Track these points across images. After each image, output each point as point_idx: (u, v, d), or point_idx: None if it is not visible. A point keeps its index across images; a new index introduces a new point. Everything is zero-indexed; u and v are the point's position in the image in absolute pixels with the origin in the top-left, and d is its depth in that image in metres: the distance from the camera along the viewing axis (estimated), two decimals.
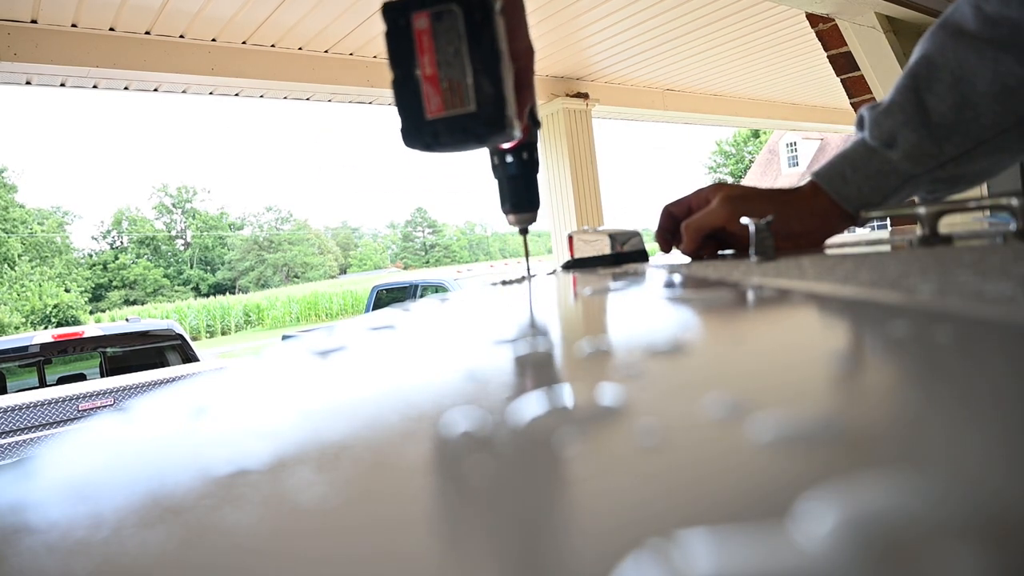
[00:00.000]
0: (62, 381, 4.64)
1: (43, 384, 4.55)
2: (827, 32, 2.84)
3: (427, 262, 56.48)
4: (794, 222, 0.71)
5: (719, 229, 0.72)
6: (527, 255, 0.71)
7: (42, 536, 0.12)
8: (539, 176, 0.67)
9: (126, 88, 3.58)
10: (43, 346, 4.58)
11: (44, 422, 3.42)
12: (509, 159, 0.63)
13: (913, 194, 0.72)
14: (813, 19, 2.86)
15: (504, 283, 0.68)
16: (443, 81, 0.50)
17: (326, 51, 3.79)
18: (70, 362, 5.25)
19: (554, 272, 0.76)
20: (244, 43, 3.53)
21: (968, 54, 0.65)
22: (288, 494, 0.12)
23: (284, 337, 6.66)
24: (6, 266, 35.76)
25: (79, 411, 3.52)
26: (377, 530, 0.11)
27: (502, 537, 0.10)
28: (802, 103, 6.24)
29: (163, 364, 4.94)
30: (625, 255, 0.77)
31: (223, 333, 27.52)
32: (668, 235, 0.78)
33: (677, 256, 0.77)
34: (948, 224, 0.71)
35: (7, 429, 3.33)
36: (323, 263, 53.11)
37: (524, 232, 0.68)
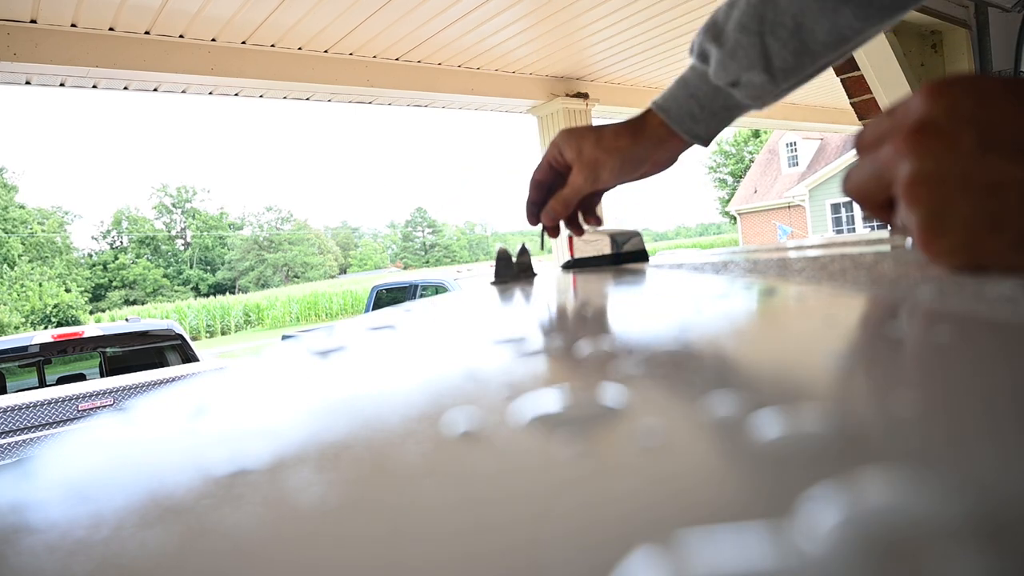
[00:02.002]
0: (62, 381, 4.63)
1: (43, 384, 4.55)
2: None
3: (427, 262, 56.47)
4: (646, 163, 0.75)
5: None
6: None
7: (42, 536, 0.12)
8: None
9: (126, 88, 3.58)
10: (43, 346, 4.57)
11: (44, 422, 3.42)
12: None
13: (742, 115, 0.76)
14: None
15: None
16: None
17: (326, 51, 3.79)
18: (70, 362, 5.25)
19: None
20: (244, 43, 3.53)
21: (810, 2, 0.66)
22: (288, 494, 0.12)
23: (284, 337, 6.66)
24: (6, 266, 35.76)
25: (79, 411, 3.52)
26: (377, 530, 0.11)
27: (503, 537, 0.10)
28: (802, 103, 6.24)
29: (163, 364, 4.94)
30: (625, 255, 0.77)
31: (223, 333, 27.52)
32: (536, 207, 0.78)
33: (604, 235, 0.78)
34: None
35: (7, 429, 3.33)
36: (323, 263, 53.11)
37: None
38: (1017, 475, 0.09)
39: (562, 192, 0.75)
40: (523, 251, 0.74)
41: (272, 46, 3.61)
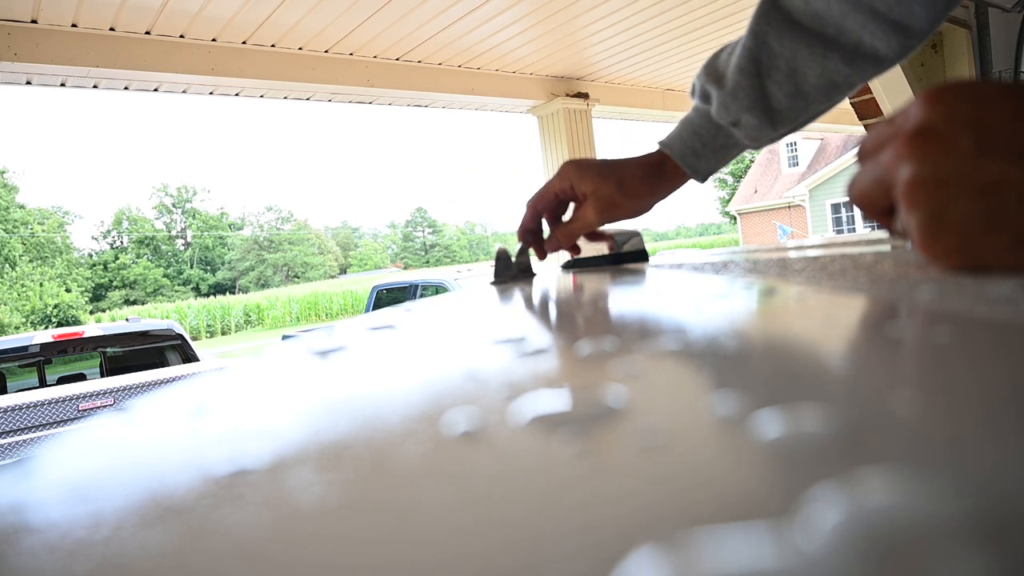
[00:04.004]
0: (62, 381, 4.63)
1: (43, 384, 4.55)
2: None
3: (427, 262, 56.48)
4: (651, 195, 0.77)
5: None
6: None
7: (42, 536, 0.12)
8: (539, 176, 0.68)
9: (126, 88, 3.58)
10: (43, 346, 4.57)
11: (44, 422, 3.42)
12: None
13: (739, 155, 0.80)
14: None
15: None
16: None
17: (326, 51, 3.79)
18: (70, 362, 5.25)
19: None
20: (244, 43, 3.53)
21: (800, 47, 0.70)
22: (288, 494, 0.12)
23: (284, 337, 6.66)
24: (7, 266, 35.76)
25: (79, 411, 3.52)
26: (377, 530, 0.11)
27: (503, 537, 0.10)
28: None
29: (163, 364, 4.94)
30: (625, 255, 0.77)
31: (223, 333, 27.52)
32: (530, 235, 0.79)
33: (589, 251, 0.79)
34: None
35: (7, 429, 3.33)
36: (323, 263, 53.12)
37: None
38: (1017, 475, 0.09)
39: (572, 225, 0.77)
40: (522, 251, 0.74)
41: (272, 46, 3.62)
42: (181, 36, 3.35)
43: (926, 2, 0.65)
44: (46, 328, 18.82)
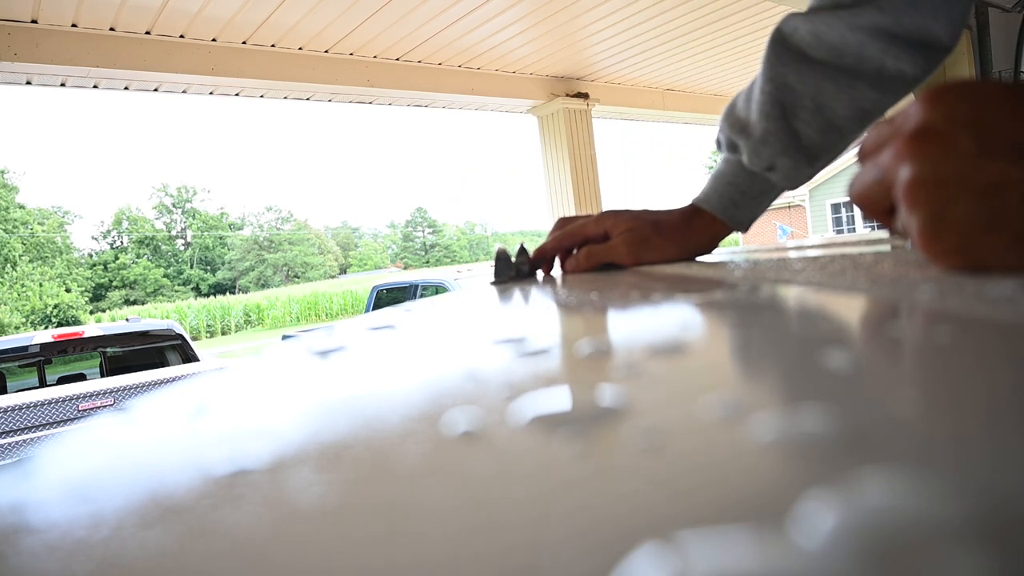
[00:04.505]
0: (62, 381, 4.64)
1: (43, 384, 4.55)
2: None
3: (427, 262, 56.50)
4: (684, 240, 0.76)
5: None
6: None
7: (42, 536, 0.12)
8: (539, 176, 0.67)
9: (126, 88, 3.58)
10: (43, 346, 4.58)
11: (44, 422, 3.42)
12: None
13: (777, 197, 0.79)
14: None
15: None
16: None
17: (326, 51, 3.79)
18: (70, 362, 5.25)
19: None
20: (244, 43, 3.53)
21: (824, 82, 0.69)
22: (288, 494, 0.12)
23: (284, 337, 6.67)
24: (7, 266, 35.77)
25: (79, 411, 3.52)
26: (377, 530, 0.11)
27: (502, 537, 0.10)
28: None
29: (163, 364, 4.94)
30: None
31: (223, 333, 27.52)
32: (543, 262, 0.78)
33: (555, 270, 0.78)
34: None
35: (7, 429, 3.33)
36: (323, 263, 53.14)
37: None
38: (1017, 475, 0.09)
39: (598, 249, 0.75)
40: (522, 251, 0.75)
41: (272, 46, 3.62)
42: (181, 36, 3.35)
43: (942, 18, 0.63)
44: (46, 328, 18.82)
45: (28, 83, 3.27)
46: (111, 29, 3.15)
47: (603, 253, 0.75)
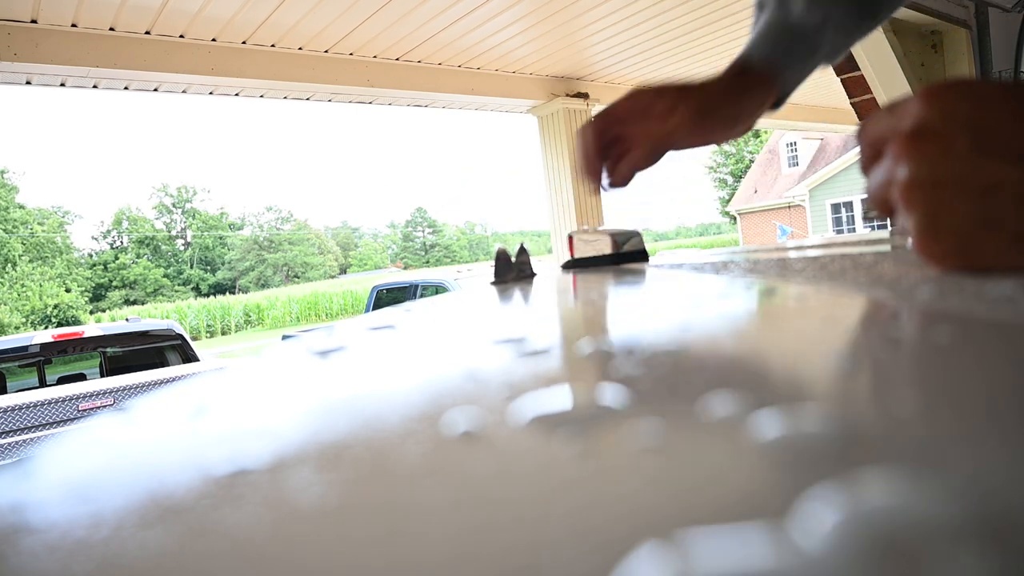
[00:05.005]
0: (62, 381, 4.63)
1: (43, 384, 4.55)
2: None
3: (427, 262, 56.49)
4: (736, 106, 0.71)
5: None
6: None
7: (42, 536, 0.12)
8: (539, 176, 0.66)
9: (126, 88, 3.58)
10: (43, 346, 4.57)
11: (44, 422, 3.42)
12: None
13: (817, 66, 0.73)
14: None
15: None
16: None
17: (326, 51, 3.79)
18: (70, 362, 5.25)
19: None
20: (244, 43, 3.53)
21: None
22: (288, 494, 0.12)
23: (284, 337, 6.66)
24: (7, 266, 35.76)
25: (79, 411, 3.52)
26: (377, 530, 0.11)
27: (502, 537, 0.10)
28: (802, 103, 6.24)
29: (163, 364, 4.94)
30: (625, 255, 0.77)
31: (223, 333, 27.52)
32: (595, 162, 0.72)
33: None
34: None
35: (7, 429, 3.33)
36: (323, 263, 53.13)
37: None
38: (1017, 475, 0.09)
39: (655, 139, 0.69)
40: (522, 251, 0.74)
41: (272, 46, 3.61)
42: (181, 36, 3.35)
43: None
44: (46, 328, 18.82)
45: (28, 83, 3.27)
46: (111, 29, 3.15)
47: (663, 136, 0.68)
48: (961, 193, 0.30)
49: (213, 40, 3.44)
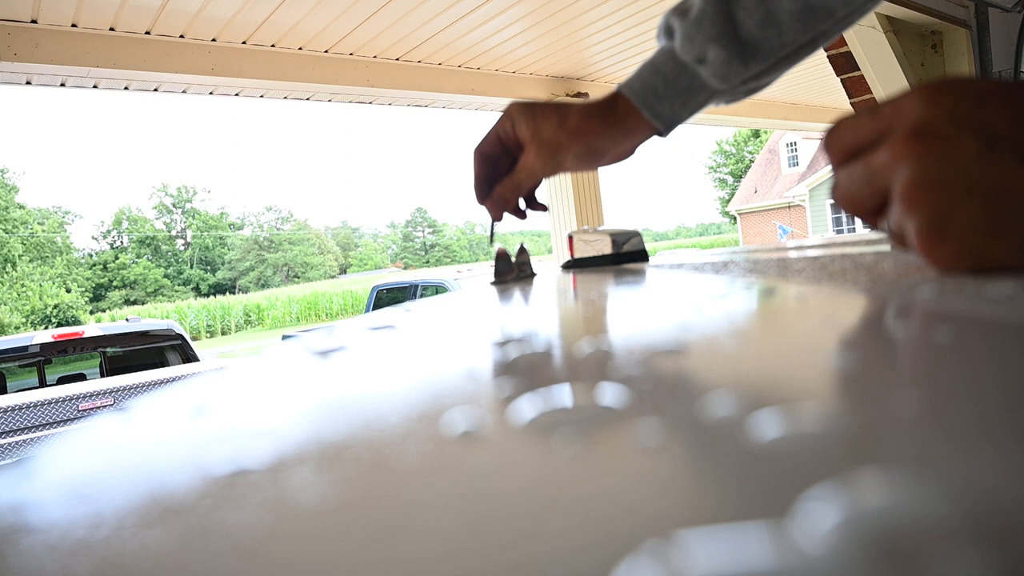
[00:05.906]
0: (62, 381, 4.64)
1: (43, 384, 4.55)
2: None
3: (427, 262, 56.50)
4: (608, 153, 0.70)
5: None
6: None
7: (42, 536, 0.12)
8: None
9: (126, 88, 3.58)
10: (43, 346, 4.58)
11: (44, 422, 3.42)
12: None
13: (708, 105, 0.72)
14: None
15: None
16: None
17: (326, 51, 3.79)
18: (70, 362, 5.25)
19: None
20: (244, 43, 3.52)
21: None
22: (288, 494, 0.12)
23: (284, 337, 6.67)
24: (7, 266, 35.76)
25: (79, 411, 3.52)
26: (376, 530, 0.11)
27: (502, 537, 0.10)
28: (802, 103, 6.24)
29: (163, 364, 4.94)
30: (625, 255, 0.77)
31: (223, 333, 27.52)
32: (486, 186, 0.73)
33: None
34: None
35: (7, 429, 3.33)
36: (323, 263, 53.13)
37: None
38: (1017, 476, 0.09)
39: (515, 176, 0.70)
40: (522, 251, 0.74)
41: (272, 46, 3.61)
42: (181, 36, 3.35)
43: None
44: (46, 328, 18.82)
45: (28, 83, 3.27)
46: (111, 29, 3.15)
47: (522, 176, 0.69)
48: (969, 195, 0.29)
49: (213, 40, 3.43)
